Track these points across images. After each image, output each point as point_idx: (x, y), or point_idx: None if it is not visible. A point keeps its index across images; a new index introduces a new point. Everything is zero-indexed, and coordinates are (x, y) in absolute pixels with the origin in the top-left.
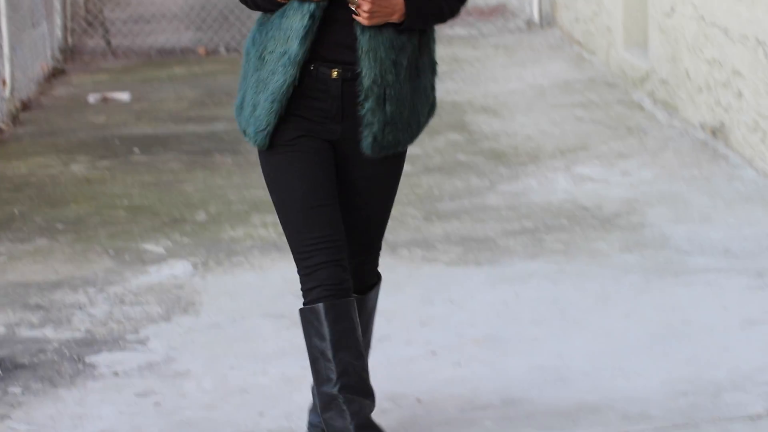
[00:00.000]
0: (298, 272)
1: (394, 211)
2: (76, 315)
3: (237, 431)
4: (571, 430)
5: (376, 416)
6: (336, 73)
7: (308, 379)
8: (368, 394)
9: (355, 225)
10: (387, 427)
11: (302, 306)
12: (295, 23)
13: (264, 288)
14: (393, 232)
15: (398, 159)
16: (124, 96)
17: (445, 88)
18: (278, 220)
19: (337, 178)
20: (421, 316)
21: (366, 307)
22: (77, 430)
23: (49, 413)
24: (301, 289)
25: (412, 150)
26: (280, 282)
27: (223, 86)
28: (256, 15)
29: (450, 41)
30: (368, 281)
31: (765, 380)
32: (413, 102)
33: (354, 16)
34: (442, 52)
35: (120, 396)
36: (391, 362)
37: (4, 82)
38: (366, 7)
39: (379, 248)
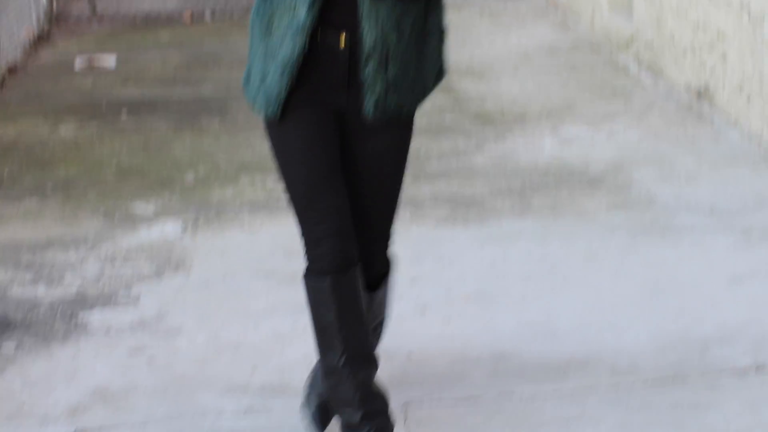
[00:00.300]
0: (303, 239)
1: None
2: (67, 273)
3: (230, 386)
4: (560, 383)
5: None
6: (342, 38)
7: (299, 334)
8: (372, 363)
9: (364, 209)
10: (378, 382)
11: (306, 272)
12: None
13: (254, 247)
14: None
15: (405, 130)
16: (110, 60)
17: None
18: (266, 181)
19: (344, 156)
20: (411, 274)
21: (375, 301)
22: (71, 385)
23: (43, 369)
24: (306, 255)
25: None
26: (269, 241)
27: (209, 51)
28: None
29: None
30: (379, 270)
31: (751, 334)
32: (418, 66)
33: None
34: None
35: (113, 352)
36: None
37: None
38: None
39: (389, 235)
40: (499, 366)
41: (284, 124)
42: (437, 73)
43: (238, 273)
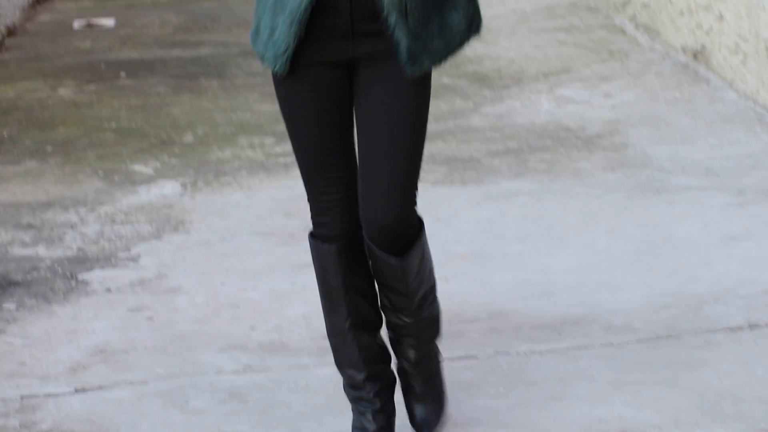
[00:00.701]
0: (309, 202)
1: None
2: (67, 234)
3: (229, 344)
4: (556, 342)
5: None
6: None
7: (297, 293)
8: (378, 326)
9: (384, 166)
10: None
11: (311, 235)
12: None
13: (252, 207)
14: None
15: (422, 80)
16: (109, 22)
17: None
18: (264, 142)
19: (359, 109)
20: None
21: (410, 268)
22: (71, 344)
23: (44, 328)
24: (311, 219)
25: None
26: (268, 201)
27: (208, 12)
28: None
29: None
30: (405, 233)
31: (745, 294)
32: (442, 15)
33: None
34: None
35: (113, 311)
36: None
37: None
38: None
39: (413, 193)
40: (496, 324)
41: (293, 86)
42: (469, 23)
43: (237, 233)
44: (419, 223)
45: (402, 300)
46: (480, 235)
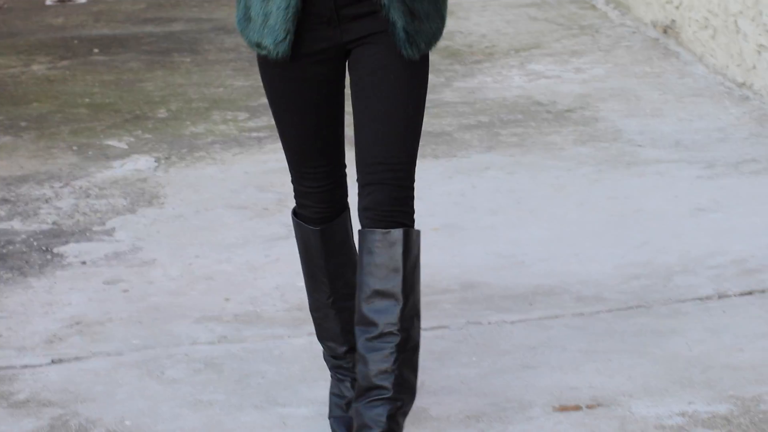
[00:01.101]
0: (293, 183)
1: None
2: (42, 208)
3: (204, 316)
4: (527, 312)
5: None
6: None
7: (271, 266)
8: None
9: (377, 144)
10: None
11: (294, 214)
12: None
13: (226, 181)
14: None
15: (421, 62)
16: None
17: None
18: (237, 117)
19: (356, 86)
20: None
21: (408, 251)
22: (48, 316)
23: (20, 300)
24: (295, 198)
25: None
26: (241, 175)
27: None
28: None
29: None
30: (407, 195)
31: (714, 264)
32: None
33: None
34: None
35: (88, 284)
36: None
37: None
38: None
39: (409, 175)
40: (468, 295)
41: (284, 74)
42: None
43: (211, 206)
44: (413, 218)
45: (389, 308)
46: (452, 207)
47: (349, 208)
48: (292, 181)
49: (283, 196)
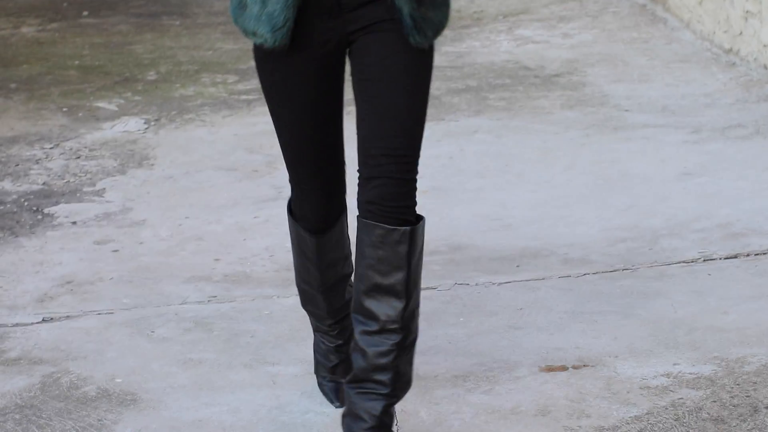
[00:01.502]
0: (290, 183)
1: None
2: (33, 169)
3: (194, 275)
4: (514, 274)
5: None
6: None
7: (260, 226)
8: (347, 280)
9: (380, 134)
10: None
11: (290, 211)
12: None
13: (215, 143)
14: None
15: (427, 53)
16: None
17: None
18: (227, 80)
19: (359, 76)
20: None
21: (413, 245)
22: (39, 275)
23: (11, 260)
24: (291, 201)
25: None
26: (231, 137)
27: None
28: None
29: None
30: (411, 187)
31: (699, 228)
32: None
33: None
34: None
35: (79, 244)
36: None
37: None
38: None
39: (412, 168)
40: (456, 257)
41: (283, 68)
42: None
43: (201, 168)
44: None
45: (391, 304)
46: (440, 170)
47: (347, 209)
48: (290, 182)
49: (272, 158)
